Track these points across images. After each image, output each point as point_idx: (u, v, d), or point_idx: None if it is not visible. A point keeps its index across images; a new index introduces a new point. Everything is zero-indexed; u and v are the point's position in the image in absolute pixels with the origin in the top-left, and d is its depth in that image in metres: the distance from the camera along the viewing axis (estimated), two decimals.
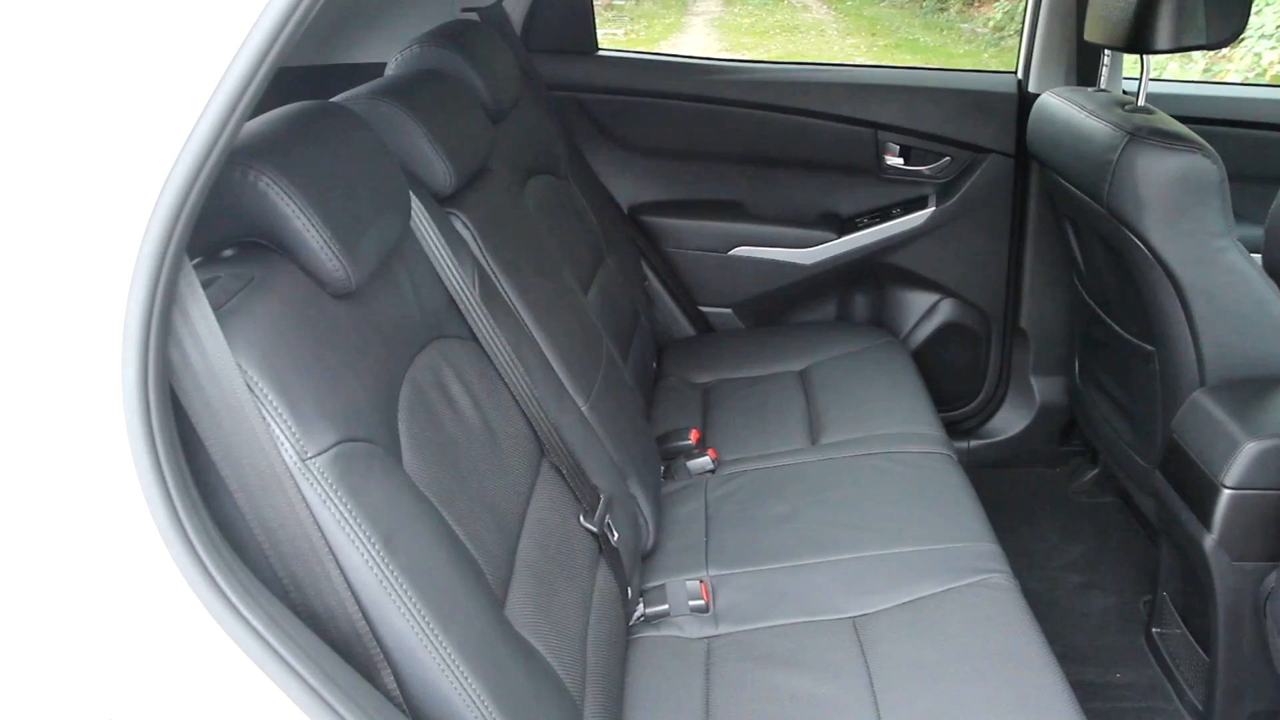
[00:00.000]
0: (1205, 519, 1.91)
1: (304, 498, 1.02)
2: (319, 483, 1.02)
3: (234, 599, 0.91)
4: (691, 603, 1.78)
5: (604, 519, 1.66)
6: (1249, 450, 1.85)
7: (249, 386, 0.99)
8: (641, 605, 1.79)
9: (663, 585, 1.83)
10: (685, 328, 2.98)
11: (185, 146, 0.83)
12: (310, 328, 1.14)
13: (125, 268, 0.84)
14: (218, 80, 0.83)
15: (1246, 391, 1.99)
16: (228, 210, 1.13)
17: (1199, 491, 1.94)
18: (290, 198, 1.14)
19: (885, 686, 1.54)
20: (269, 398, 1.01)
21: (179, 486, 0.89)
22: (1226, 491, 1.86)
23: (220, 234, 1.16)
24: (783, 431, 2.31)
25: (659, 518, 1.98)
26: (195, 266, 1.11)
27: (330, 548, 1.03)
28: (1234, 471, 1.85)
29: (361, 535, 1.04)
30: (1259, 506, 1.85)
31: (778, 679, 1.59)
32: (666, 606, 1.78)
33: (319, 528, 1.02)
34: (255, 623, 0.91)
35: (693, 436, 2.27)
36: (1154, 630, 2.29)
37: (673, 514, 2.05)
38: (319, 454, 1.04)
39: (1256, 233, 1.72)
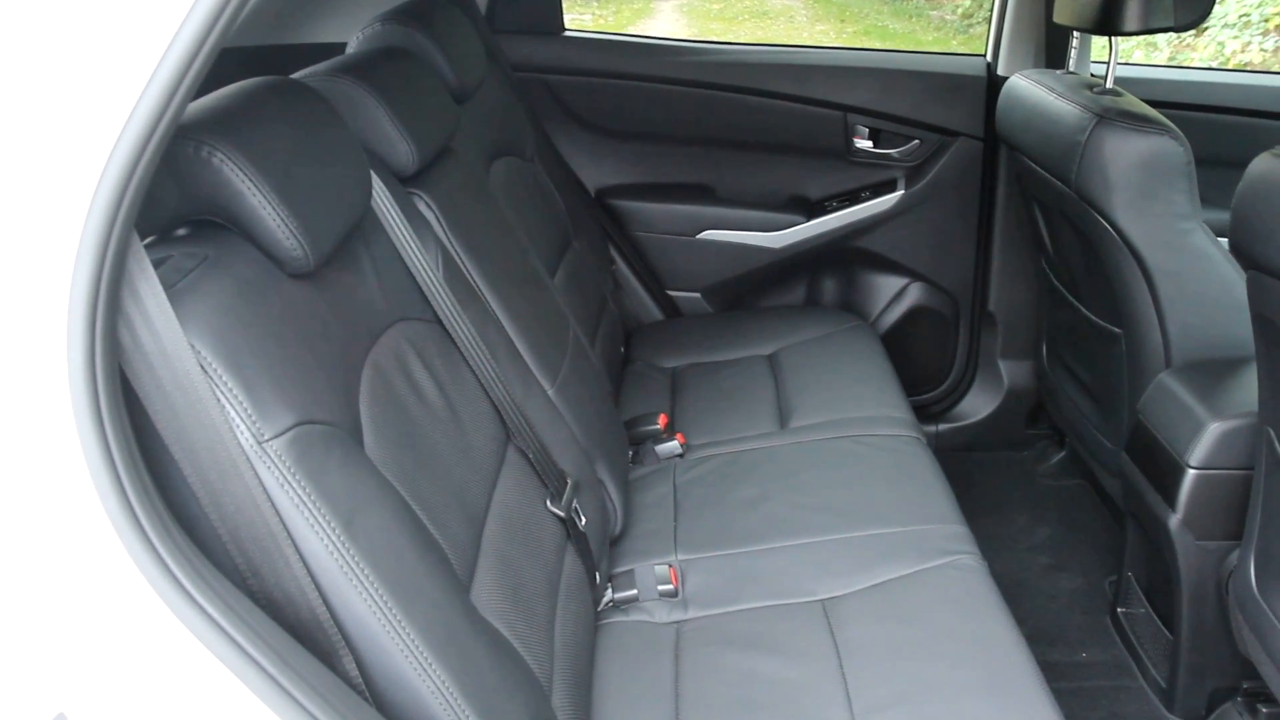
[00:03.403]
0: (1170, 499, 1.92)
1: (261, 482, 0.99)
2: (276, 466, 1.00)
3: (189, 586, 0.88)
4: (660, 587, 1.76)
5: (571, 504, 1.64)
6: (1213, 431, 1.86)
7: (202, 367, 0.97)
8: (610, 590, 1.77)
9: (631, 570, 1.82)
10: (653, 312, 2.96)
11: (130, 120, 0.81)
12: (267, 308, 1.11)
13: (70, 244, 0.81)
14: (162, 52, 0.81)
15: (1211, 373, 2.00)
16: (181, 188, 1.10)
17: (1164, 472, 1.95)
18: (245, 174, 1.11)
19: (855, 668, 1.54)
20: (223, 379, 0.98)
21: (130, 470, 0.86)
22: (1191, 472, 1.87)
23: (173, 212, 1.13)
24: (751, 415, 2.30)
25: (627, 502, 1.96)
26: (147, 246, 1.08)
27: (289, 532, 1.00)
28: (1199, 452, 1.87)
29: (321, 519, 1.02)
30: (1223, 486, 1.86)
31: (747, 662, 1.59)
32: (635, 591, 1.77)
33: (277, 512, 1.00)
34: (211, 610, 0.89)
35: (661, 421, 2.26)
36: (1119, 610, 2.31)
37: (641, 499, 2.04)
38: (276, 436, 1.01)
39: (1221, 216, 1.73)
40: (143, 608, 0.87)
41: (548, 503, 1.60)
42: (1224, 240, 1.85)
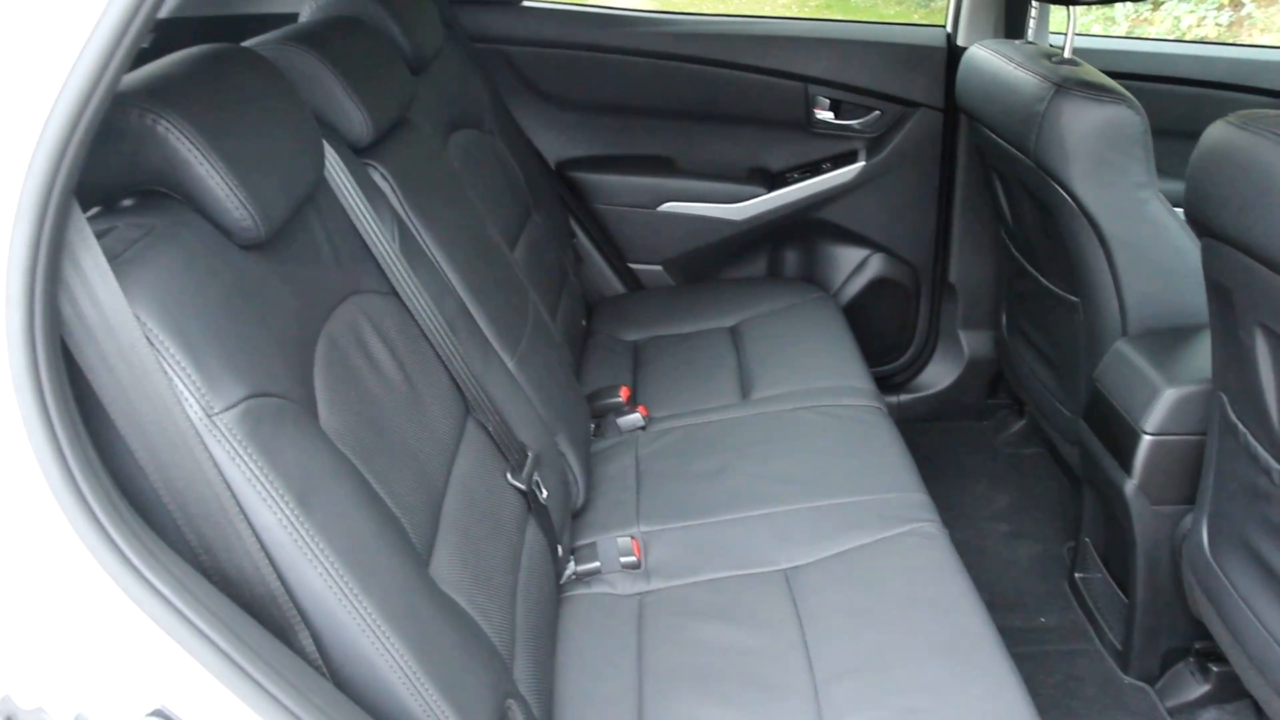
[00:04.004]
0: (1126, 465, 1.94)
1: (211, 456, 0.97)
2: (227, 439, 0.98)
3: (137, 563, 0.87)
4: (623, 559, 1.76)
5: (532, 476, 1.63)
6: (1168, 397, 1.88)
7: (148, 339, 0.94)
8: (573, 563, 1.77)
9: (594, 542, 1.81)
10: (615, 285, 2.95)
11: (65, 86, 0.79)
12: (216, 279, 1.09)
13: (5, 213, 0.79)
14: (97, 17, 0.78)
15: (1167, 340, 2.02)
16: (126, 157, 1.07)
17: (1121, 438, 1.97)
18: (191, 142, 1.08)
19: (817, 636, 1.55)
20: (170, 351, 0.96)
21: (73, 444, 0.84)
22: (1147, 438, 1.90)
23: (119, 182, 1.10)
24: (713, 387, 2.30)
25: (589, 475, 1.96)
26: (92, 217, 1.06)
27: (241, 507, 0.99)
28: (1154, 418, 1.89)
29: (274, 493, 1.00)
30: (1177, 451, 1.89)
31: (710, 632, 1.59)
32: (598, 563, 1.76)
33: (228, 487, 0.98)
34: (161, 586, 0.87)
35: (623, 394, 2.25)
36: (1076, 575, 2.34)
37: (603, 471, 2.03)
38: (226, 409, 0.99)
39: (1177, 187, 1.74)
40: (90, 585, 0.86)
41: (508, 475, 1.59)
42: (1180, 211, 1.87)
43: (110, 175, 1.07)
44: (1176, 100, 2.73)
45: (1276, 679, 1.56)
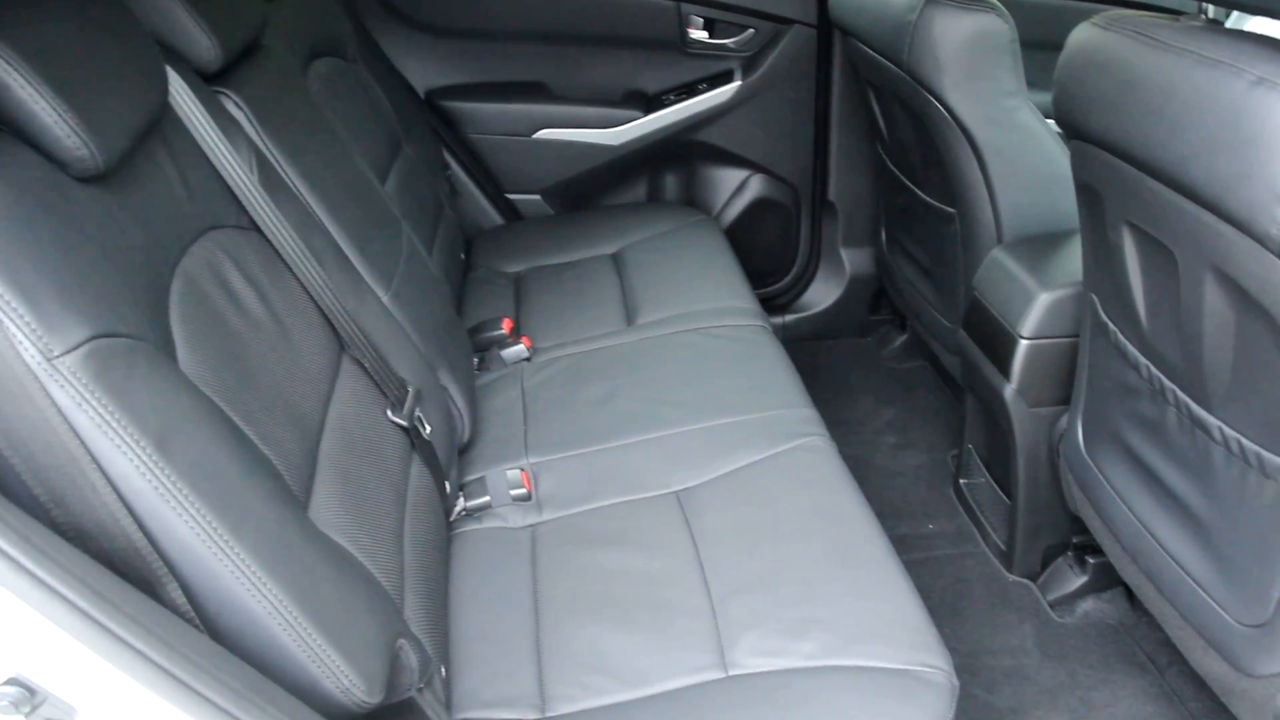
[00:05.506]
0: (1005, 370, 1.98)
1: (54, 402, 0.90)
2: (71, 384, 0.91)
3: None
4: (513, 492, 1.73)
5: (414, 412, 1.58)
6: (1043, 301, 1.92)
7: None
8: (462, 499, 1.73)
9: (482, 477, 1.78)
10: (493, 217, 2.88)
11: None
12: (50, 214, 1.00)
13: None
14: None
15: (1040, 246, 2.07)
16: None
17: (999, 344, 2.01)
18: (11, 65, 0.99)
19: (711, 555, 1.55)
20: None
21: None
22: (1023, 342, 1.94)
23: None
24: (598, 315, 2.27)
25: (474, 409, 1.91)
26: None
27: (93, 455, 0.92)
28: (1029, 322, 1.93)
29: (128, 439, 0.93)
30: (1052, 354, 1.94)
31: (605, 558, 1.58)
32: (488, 498, 1.73)
33: (76, 434, 0.91)
34: (3, 545, 0.80)
35: (505, 326, 2.20)
36: (961, 481, 2.41)
37: (489, 405, 1.99)
38: (67, 352, 0.91)
39: (1047, 98, 1.76)
40: None
41: (388, 413, 1.54)
42: (1051, 121, 1.89)
43: None
44: (1044, 13, 2.76)
45: (1147, 565, 1.63)
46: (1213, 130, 1.21)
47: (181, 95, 1.40)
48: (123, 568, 0.93)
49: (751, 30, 2.76)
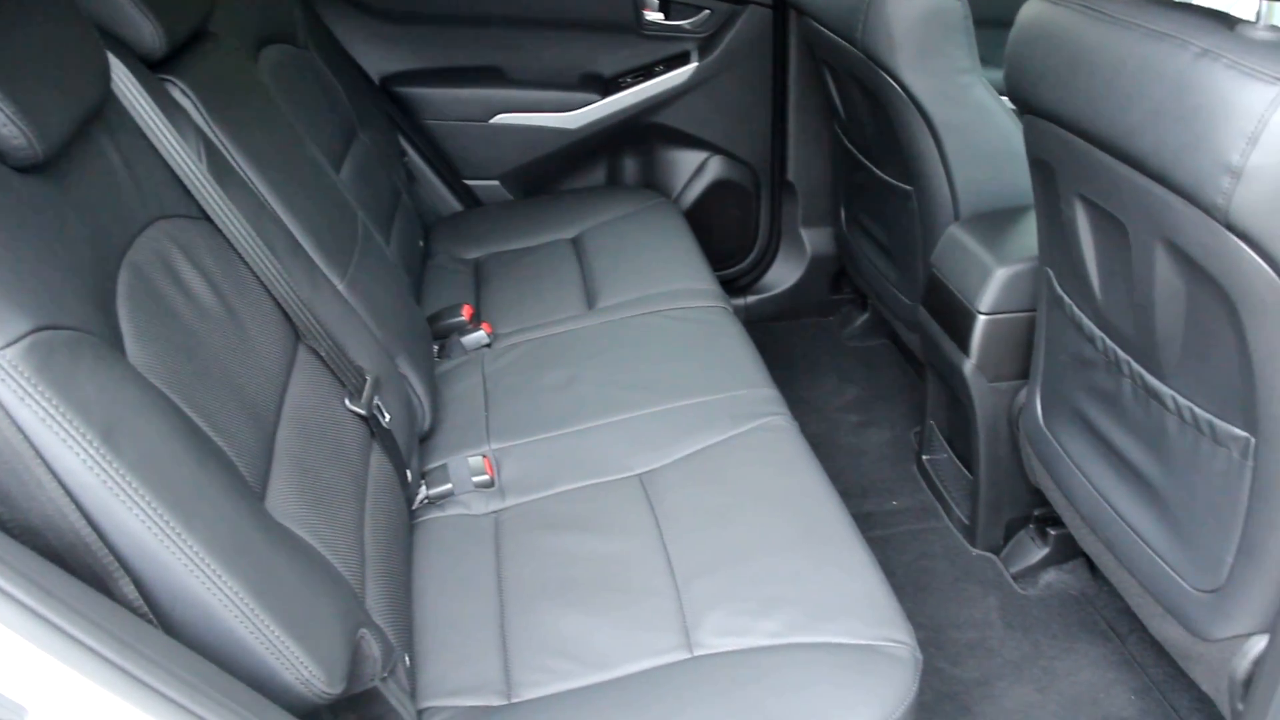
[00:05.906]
0: (964, 345, 2.00)
1: None
2: (12, 377, 0.89)
3: None
4: (475, 479, 1.72)
5: (372, 401, 1.56)
6: (999, 276, 1.93)
7: None
8: (424, 487, 1.72)
9: (444, 464, 1.77)
10: (451, 203, 2.85)
11: None
12: None
13: None
14: None
15: (996, 222, 2.08)
16: None
17: (957, 320, 2.02)
18: None
19: (675, 536, 1.55)
20: None
21: None
22: (981, 317, 1.95)
23: None
24: (558, 299, 2.26)
25: (434, 397, 1.90)
26: None
27: (37, 450, 0.90)
28: (987, 297, 1.94)
29: (74, 433, 0.91)
30: (1010, 329, 1.95)
31: (568, 543, 1.57)
32: (450, 485, 1.72)
33: (20, 429, 0.89)
34: None
35: (465, 312, 2.19)
36: (924, 458, 2.42)
37: (450, 392, 1.98)
38: (9, 345, 0.89)
39: (999, 75, 1.77)
40: None
41: (346, 402, 1.52)
42: (1006, 99, 1.90)
43: None
44: None
45: (1106, 534, 1.65)
46: (1160, 102, 1.22)
47: (125, 83, 1.37)
48: (72, 564, 0.92)
49: (707, 11, 2.75)
